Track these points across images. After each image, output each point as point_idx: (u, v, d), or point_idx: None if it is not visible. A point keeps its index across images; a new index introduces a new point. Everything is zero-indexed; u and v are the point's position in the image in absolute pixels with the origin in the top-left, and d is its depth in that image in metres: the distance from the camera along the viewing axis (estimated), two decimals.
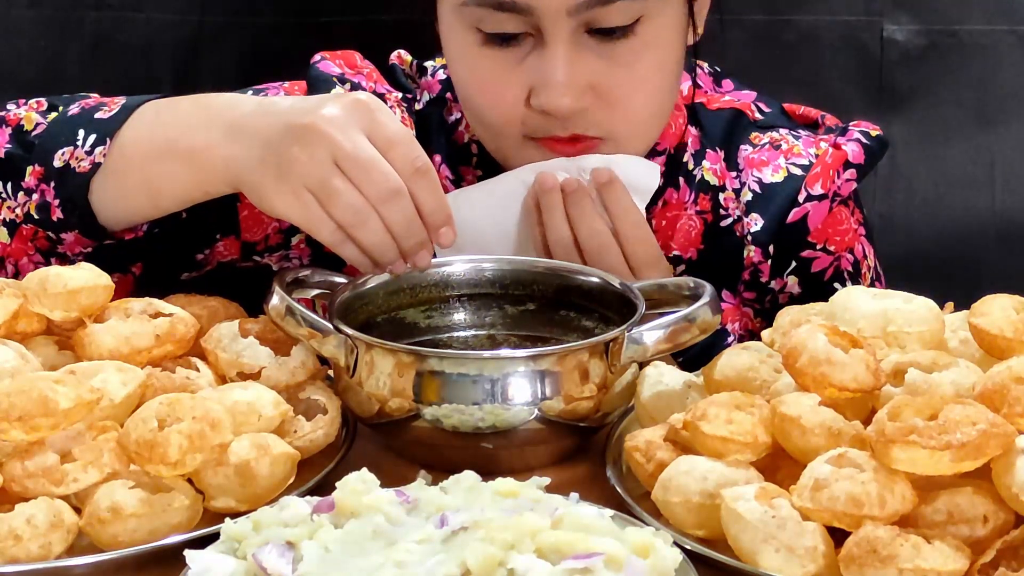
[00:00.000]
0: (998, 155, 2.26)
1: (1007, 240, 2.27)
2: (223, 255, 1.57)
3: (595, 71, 1.44)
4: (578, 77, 1.43)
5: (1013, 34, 2.21)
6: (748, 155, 1.60)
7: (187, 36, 2.14)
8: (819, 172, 1.57)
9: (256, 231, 1.56)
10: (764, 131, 1.62)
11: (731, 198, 1.60)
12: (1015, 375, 1.10)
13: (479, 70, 1.47)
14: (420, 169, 1.27)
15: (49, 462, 1.12)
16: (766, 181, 1.59)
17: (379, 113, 1.28)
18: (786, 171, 1.59)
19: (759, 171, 1.59)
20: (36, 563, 1.08)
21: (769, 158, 1.59)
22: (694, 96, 1.63)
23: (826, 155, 1.58)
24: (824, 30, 2.22)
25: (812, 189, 1.57)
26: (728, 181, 1.60)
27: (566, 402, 1.23)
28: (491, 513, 1.03)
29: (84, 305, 1.26)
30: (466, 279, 1.40)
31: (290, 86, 1.60)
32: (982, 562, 1.03)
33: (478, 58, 1.45)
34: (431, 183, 1.29)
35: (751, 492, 1.08)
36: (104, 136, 1.38)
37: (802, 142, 1.61)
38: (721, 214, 1.60)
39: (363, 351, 1.24)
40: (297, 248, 1.58)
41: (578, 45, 1.42)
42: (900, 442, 1.04)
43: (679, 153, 1.60)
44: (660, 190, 1.57)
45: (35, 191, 1.41)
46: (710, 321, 1.28)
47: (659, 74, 1.48)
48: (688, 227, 1.59)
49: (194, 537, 1.10)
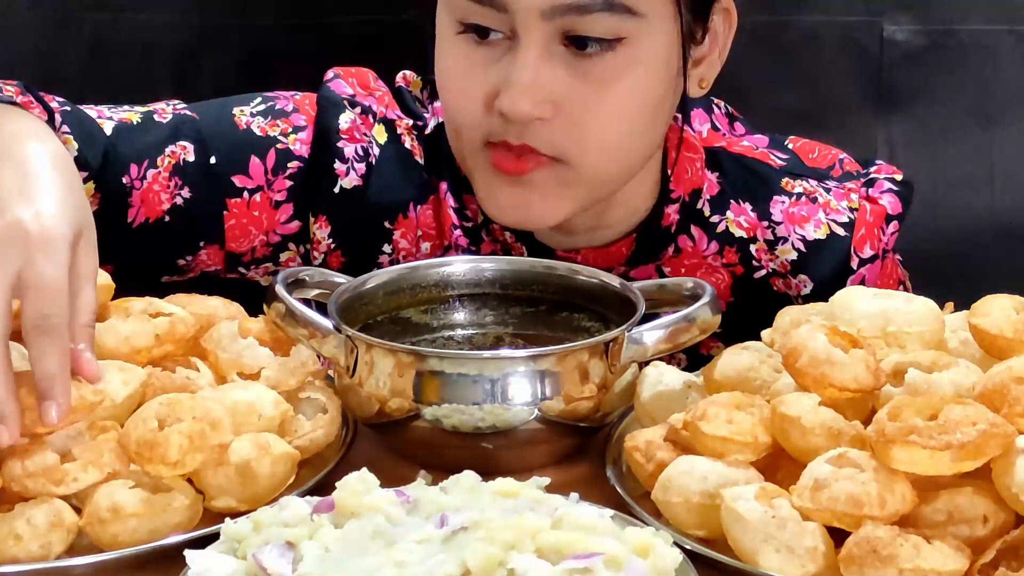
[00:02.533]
0: (998, 155, 2.26)
1: (1007, 240, 2.27)
2: (206, 263, 1.55)
3: (563, 83, 1.38)
4: (543, 85, 1.37)
5: (1013, 34, 2.21)
6: (786, 208, 1.56)
7: (187, 37, 2.14)
8: (865, 233, 1.55)
9: (242, 241, 1.53)
10: (795, 178, 1.58)
11: (763, 249, 1.55)
12: (1015, 375, 1.10)
13: (453, 63, 1.43)
14: (40, 327, 1.11)
15: (49, 462, 1.12)
16: (809, 238, 1.55)
17: (38, 255, 1.13)
18: (827, 228, 1.55)
19: (801, 227, 1.55)
20: (36, 563, 1.08)
21: (809, 213, 1.55)
22: (708, 137, 1.58)
23: (866, 213, 1.55)
24: (824, 30, 2.22)
25: (863, 253, 1.54)
26: (759, 232, 1.56)
27: (566, 402, 1.23)
28: (491, 513, 1.03)
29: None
30: (466, 279, 1.40)
31: (301, 98, 1.57)
32: (982, 562, 1.03)
33: (453, 49, 1.42)
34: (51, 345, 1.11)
35: (751, 492, 1.08)
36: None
37: (833, 194, 1.57)
38: (753, 266, 1.56)
39: (363, 351, 1.24)
40: (286, 265, 1.56)
41: (550, 53, 1.37)
42: (900, 442, 1.04)
43: (693, 200, 1.55)
44: (672, 237, 1.54)
45: None
46: (710, 321, 1.28)
47: (632, 102, 1.40)
48: (716, 281, 1.55)
49: (194, 537, 1.10)
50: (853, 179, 1.60)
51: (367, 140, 1.54)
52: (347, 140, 1.53)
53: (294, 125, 1.53)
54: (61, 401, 1.10)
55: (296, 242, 1.55)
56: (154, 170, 1.47)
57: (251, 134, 1.52)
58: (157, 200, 1.48)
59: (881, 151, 2.26)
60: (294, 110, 1.55)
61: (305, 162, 1.53)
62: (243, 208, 1.51)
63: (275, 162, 1.52)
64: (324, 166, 1.52)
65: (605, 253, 1.53)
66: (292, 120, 1.54)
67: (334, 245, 1.54)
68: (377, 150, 1.54)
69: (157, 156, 1.48)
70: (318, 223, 1.53)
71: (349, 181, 1.53)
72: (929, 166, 2.26)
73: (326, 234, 1.54)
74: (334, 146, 1.53)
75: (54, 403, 1.10)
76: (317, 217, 1.53)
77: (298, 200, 1.53)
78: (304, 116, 1.54)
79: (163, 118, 1.50)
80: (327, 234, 1.54)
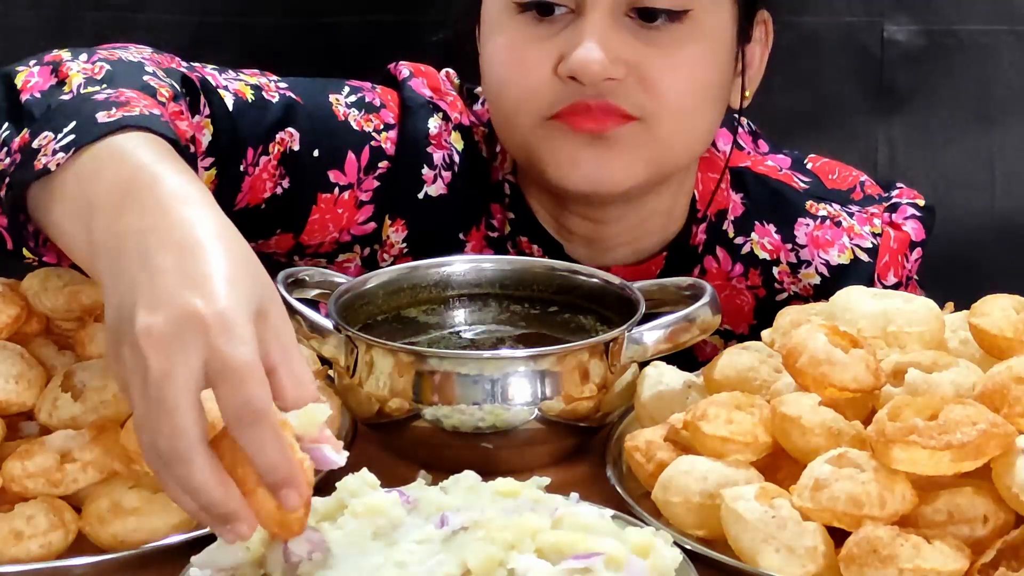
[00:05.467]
0: (998, 155, 2.26)
1: (1007, 240, 2.27)
2: (268, 247, 1.51)
3: (632, 50, 1.39)
4: (613, 47, 1.38)
5: (1013, 34, 2.21)
6: (811, 232, 1.56)
7: (187, 37, 2.14)
8: (888, 261, 1.55)
9: (317, 236, 1.51)
10: (819, 201, 1.58)
11: (786, 272, 1.56)
12: (1015, 375, 1.10)
13: (510, 39, 1.42)
14: (243, 418, 0.96)
15: (49, 462, 1.12)
16: (833, 263, 1.56)
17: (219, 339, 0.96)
18: (851, 253, 1.56)
19: (825, 252, 1.56)
20: (36, 563, 1.09)
21: (833, 237, 1.56)
22: (732, 156, 1.57)
23: (889, 239, 1.56)
24: (824, 31, 2.22)
25: (886, 280, 1.55)
26: (783, 254, 1.56)
27: (566, 402, 1.23)
28: (491, 513, 1.03)
29: (85, 305, 1.26)
30: (466, 279, 1.40)
31: (383, 92, 1.53)
32: (982, 562, 1.03)
33: (510, 29, 1.41)
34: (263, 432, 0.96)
35: (751, 492, 1.08)
36: (72, 144, 1.11)
37: (856, 219, 1.58)
38: (776, 288, 1.57)
39: (363, 351, 1.24)
40: (341, 265, 1.54)
41: (617, 23, 1.38)
42: (900, 442, 1.04)
43: (719, 221, 1.56)
44: (699, 258, 1.55)
45: (11, 156, 1.17)
46: (710, 321, 1.28)
47: (698, 71, 1.42)
48: (740, 303, 1.56)
49: (194, 537, 1.10)
50: (875, 203, 1.60)
51: (449, 148, 1.53)
52: (435, 146, 1.52)
53: (384, 122, 1.51)
54: (297, 483, 0.97)
55: (363, 243, 1.53)
56: (265, 157, 1.43)
57: (349, 127, 1.49)
58: (262, 188, 1.45)
59: (881, 151, 2.26)
60: (382, 105, 1.52)
61: (392, 162, 1.51)
62: (330, 204, 1.49)
63: (368, 160, 1.49)
64: (412, 170, 1.51)
65: (635, 271, 1.53)
66: (382, 116, 1.51)
67: (407, 250, 1.53)
68: (458, 158, 1.53)
69: (269, 142, 1.43)
70: (395, 226, 1.52)
71: (435, 189, 1.52)
72: (929, 166, 2.26)
73: (401, 238, 1.52)
74: (423, 151, 1.51)
75: (292, 490, 0.97)
76: (395, 220, 1.52)
77: (379, 201, 1.51)
78: (392, 113, 1.52)
79: (271, 96, 1.45)
80: (402, 238, 1.52)
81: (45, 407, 1.18)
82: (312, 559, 1.00)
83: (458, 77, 1.60)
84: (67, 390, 1.18)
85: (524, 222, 1.54)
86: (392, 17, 2.11)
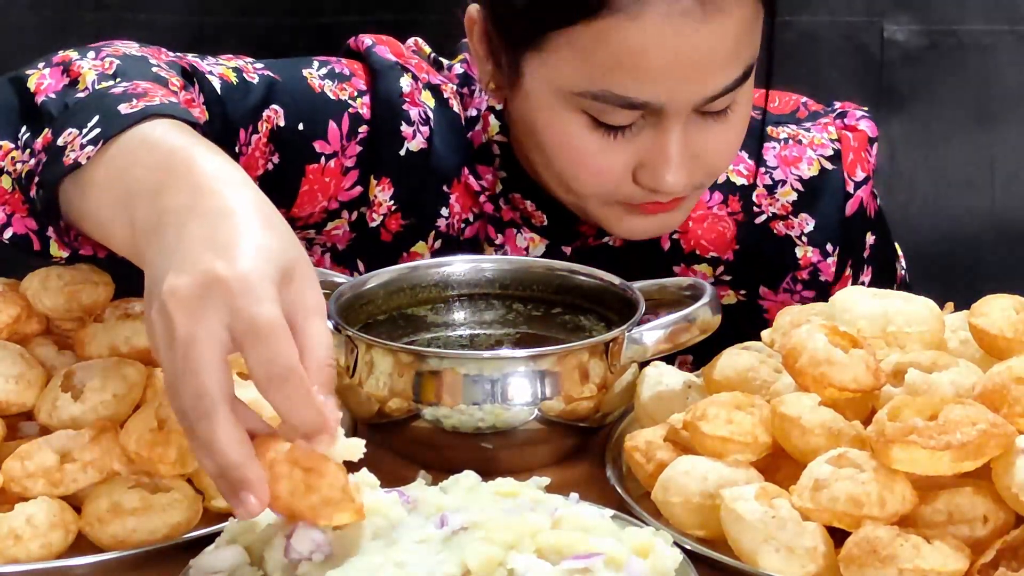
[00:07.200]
0: (998, 155, 2.27)
1: (1007, 240, 2.27)
2: None
3: (702, 143, 1.43)
4: (687, 154, 1.42)
5: (1013, 34, 2.22)
6: (779, 152, 1.62)
7: (187, 37, 2.15)
8: (854, 158, 1.62)
9: (306, 207, 1.52)
10: (776, 125, 1.64)
11: (763, 194, 1.61)
12: (1015, 375, 1.10)
13: (581, 144, 1.43)
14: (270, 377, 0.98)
15: (49, 462, 1.12)
16: (805, 177, 1.61)
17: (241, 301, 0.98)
18: (819, 164, 1.61)
19: (796, 168, 1.61)
20: (36, 563, 1.09)
21: (799, 153, 1.62)
22: None
23: (849, 140, 1.62)
24: (824, 30, 2.23)
25: (856, 176, 1.61)
26: (759, 178, 1.61)
27: (566, 402, 1.23)
28: (491, 513, 1.03)
29: (84, 305, 1.26)
30: (466, 279, 1.40)
31: (349, 62, 1.55)
32: (982, 562, 1.03)
33: (585, 139, 1.43)
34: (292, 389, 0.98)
35: (751, 492, 1.08)
36: (99, 137, 1.14)
37: (814, 132, 1.64)
38: (754, 211, 1.61)
39: (363, 351, 1.24)
40: (330, 233, 1.55)
41: (689, 122, 1.42)
42: (900, 442, 1.04)
43: None
44: None
45: (35, 156, 1.19)
46: (710, 321, 1.28)
47: (746, 114, 1.48)
48: (721, 229, 1.60)
49: (194, 537, 1.10)
50: (823, 116, 1.66)
51: (422, 105, 1.55)
52: (410, 103, 1.53)
53: (358, 89, 1.53)
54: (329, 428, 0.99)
55: (351, 208, 1.54)
56: (256, 135, 1.45)
57: (327, 98, 1.51)
58: (256, 166, 1.46)
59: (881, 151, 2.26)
60: (352, 75, 1.54)
61: (371, 125, 1.52)
62: (318, 174, 1.50)
63: (349, 127, 1.51)
64: (391, 128, 1.52)
65: None
66: (354, 84, 1.53)
67: (395, 207, 1.54)
68: (431, 114, 1.55)
69: (257, 121, 1.45)
70: (380, 185, 1.53)
71: (416, 144, 1.53)
72: (929, 166, 2.26)
73: (388, 196, 1.53)
74: (399, 109, 1.53)
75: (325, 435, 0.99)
76: (380, 180, 1.53)
77: (364, 164, 1.53)
78: (362, 80, 1.54)
79: (251, 78, 1.47)
80: (389, 196, 1.53)
81: (45, 407, 1.18)
82: (312, 559, 1.00)
83: (427, 46, 1.62)
84: (67, 390, 1.18)
85: (517, 179, 1.56)
86: (392, 17, 2.12)
